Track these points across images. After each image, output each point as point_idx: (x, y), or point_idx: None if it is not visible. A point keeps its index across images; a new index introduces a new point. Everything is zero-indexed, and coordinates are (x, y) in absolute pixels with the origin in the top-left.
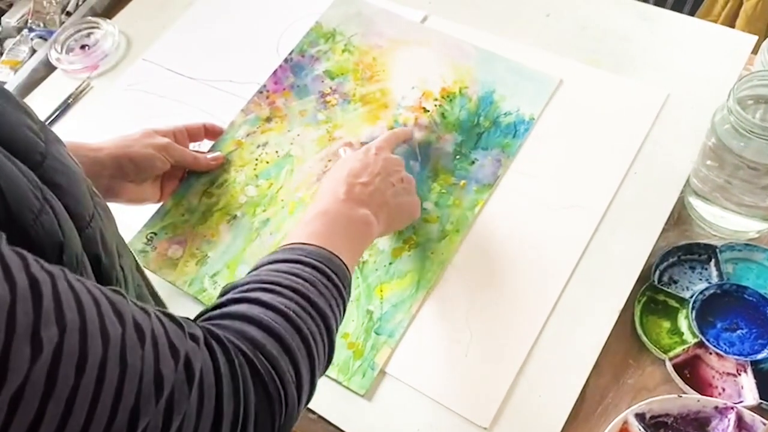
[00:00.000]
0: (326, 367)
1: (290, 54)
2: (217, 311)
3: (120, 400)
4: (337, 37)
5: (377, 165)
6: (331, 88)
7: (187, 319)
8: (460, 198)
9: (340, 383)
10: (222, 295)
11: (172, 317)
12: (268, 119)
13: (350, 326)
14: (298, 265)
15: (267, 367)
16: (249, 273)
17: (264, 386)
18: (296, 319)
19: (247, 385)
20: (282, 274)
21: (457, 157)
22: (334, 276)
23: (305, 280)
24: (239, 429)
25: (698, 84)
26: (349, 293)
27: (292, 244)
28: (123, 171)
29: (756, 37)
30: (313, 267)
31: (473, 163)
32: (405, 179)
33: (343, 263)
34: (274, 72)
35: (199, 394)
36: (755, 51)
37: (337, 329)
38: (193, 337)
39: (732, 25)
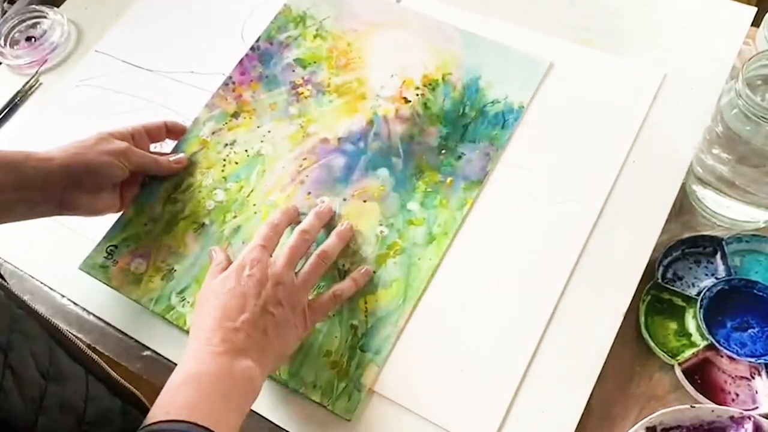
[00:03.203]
0: None
1: (257, 41)
2: None
3: None
4: (308, 21)
5: (251, 288)
6: (303, 78)
7: None
8: (447, 197)
9: (324, 407)
10: None
11: None
12: (236, 114)
13: (333, 343)
14: None
15: None
16: None
17: None
18: None
19: None
20: None
21: (443, 151)
22: None
23: None
24: None
25: (696, 61)
26: None
27: (156, 423)
28: (78, 181)
29: (754, 9)
30: None
31: (460, 157)
32: (286, 300)
33: None
34: (240, 61)
35: None
36: (755, 23)
37: None
38: None
39: None
